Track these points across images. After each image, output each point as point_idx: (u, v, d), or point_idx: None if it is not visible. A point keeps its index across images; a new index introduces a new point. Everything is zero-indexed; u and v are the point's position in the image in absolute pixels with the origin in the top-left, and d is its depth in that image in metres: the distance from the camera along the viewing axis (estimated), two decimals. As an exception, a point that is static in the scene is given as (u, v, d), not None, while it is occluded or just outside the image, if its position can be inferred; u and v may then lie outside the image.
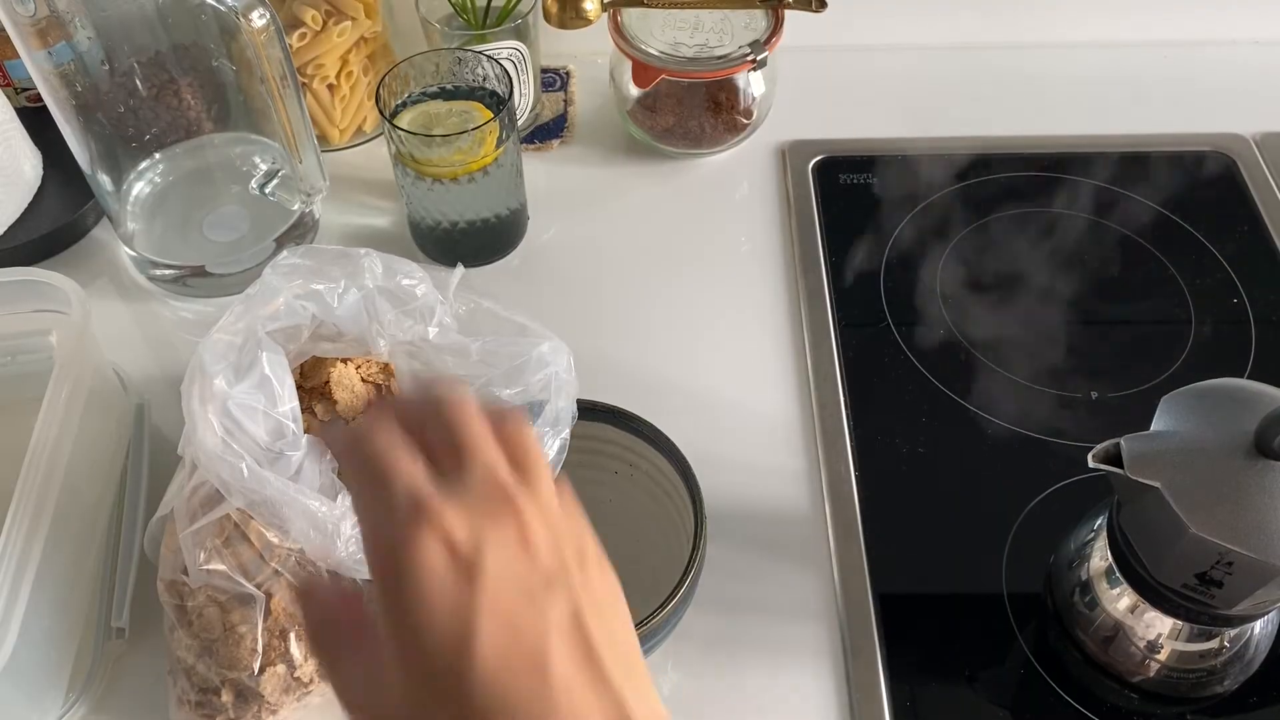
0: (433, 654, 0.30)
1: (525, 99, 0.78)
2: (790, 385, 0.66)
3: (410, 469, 0.32)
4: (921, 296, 0.70)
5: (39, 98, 0.65)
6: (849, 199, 0.76)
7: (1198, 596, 0.47)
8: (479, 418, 0.34)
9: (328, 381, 0.56)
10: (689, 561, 0.49)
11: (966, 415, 0.64)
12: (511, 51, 0.74)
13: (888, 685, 0.53)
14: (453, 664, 0.30)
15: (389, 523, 0.31)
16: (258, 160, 0.72)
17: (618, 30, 0.73)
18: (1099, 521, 0.54)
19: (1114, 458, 0.46)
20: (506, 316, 0.55)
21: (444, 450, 0.33)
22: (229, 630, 0.49)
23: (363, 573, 0.47)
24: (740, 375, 0.66)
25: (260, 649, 0.49)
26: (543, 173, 0.78)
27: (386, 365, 0.58)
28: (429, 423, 0.34)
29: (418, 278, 0.55)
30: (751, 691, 0.54)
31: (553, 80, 0.84)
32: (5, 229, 0.72)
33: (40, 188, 0.74)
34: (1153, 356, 0.67)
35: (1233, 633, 0.52)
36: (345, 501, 0.47)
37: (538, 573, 0.32)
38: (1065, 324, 0.68)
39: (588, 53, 0.85)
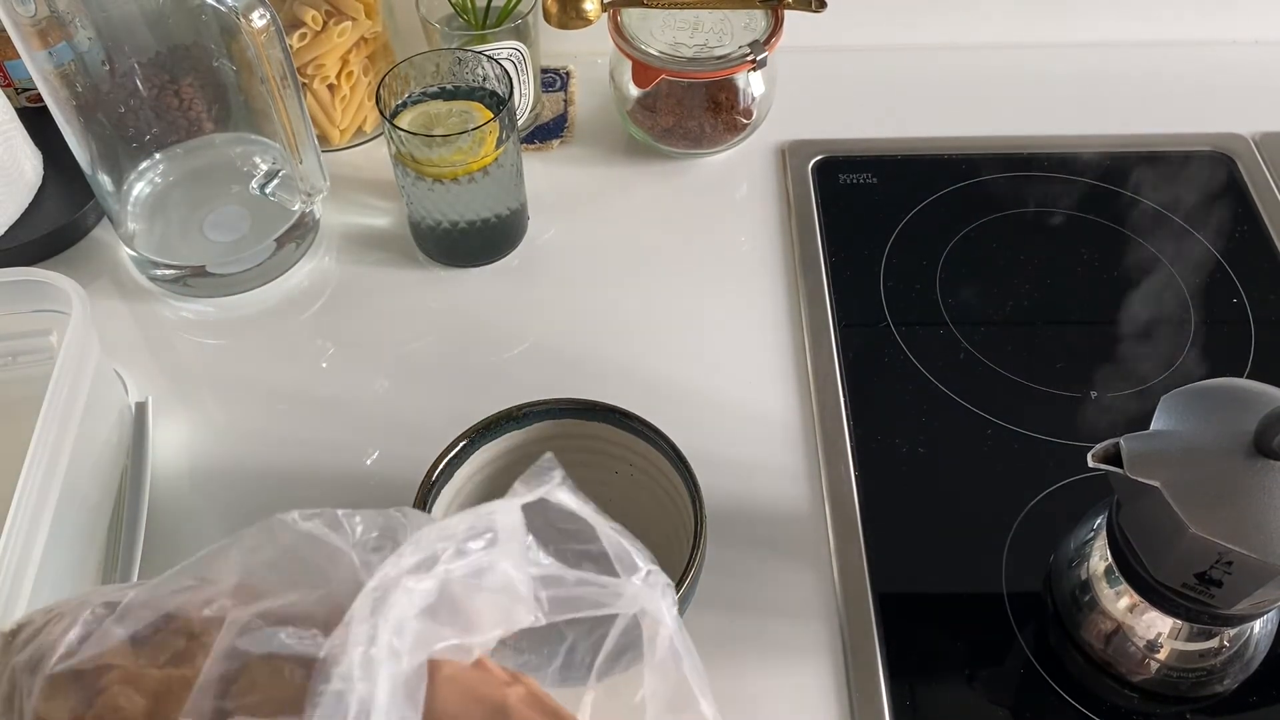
0: None
1: (525, 99, 0.78)
2: (790, 385, 0.66)
3: None
4: (921, 296, 0.70)
5: (39, 98, 0.66)
6: (849, 199, 0.76)
7: (1197, 596, 0.47)
8: None
9: None
10: (689, 561, 0.49)
11: (966, 415, 0.64)
12: (511, 51, 0.74)
13: (888, 685, 0.53)
14: None
15: None
16: (258, 160, 0.72)
17: (618, 30, 0.73)
18: (1099, 521, 0.54)
19: (1114, 457, 0.46)
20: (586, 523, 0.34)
21: None
22: None
23: None
24: (740, 375, 0.66)
25: None
26: (543, 173, 0.78)
27: None
28: None
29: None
30: (751, 691, 0.53)
31: (553, 80, 0.84)
32: (6, 229, 0.72)
33: (41, 188, 0.74)
34: (1153, 356, 0.67)
35: (1232, 632, 0.52)
36: None
37: None
38: (1065, 324, 0.68)
39: (588, 53, 0.85)
